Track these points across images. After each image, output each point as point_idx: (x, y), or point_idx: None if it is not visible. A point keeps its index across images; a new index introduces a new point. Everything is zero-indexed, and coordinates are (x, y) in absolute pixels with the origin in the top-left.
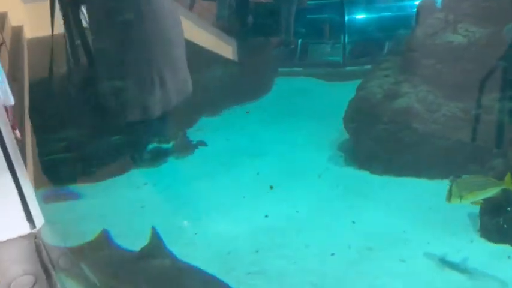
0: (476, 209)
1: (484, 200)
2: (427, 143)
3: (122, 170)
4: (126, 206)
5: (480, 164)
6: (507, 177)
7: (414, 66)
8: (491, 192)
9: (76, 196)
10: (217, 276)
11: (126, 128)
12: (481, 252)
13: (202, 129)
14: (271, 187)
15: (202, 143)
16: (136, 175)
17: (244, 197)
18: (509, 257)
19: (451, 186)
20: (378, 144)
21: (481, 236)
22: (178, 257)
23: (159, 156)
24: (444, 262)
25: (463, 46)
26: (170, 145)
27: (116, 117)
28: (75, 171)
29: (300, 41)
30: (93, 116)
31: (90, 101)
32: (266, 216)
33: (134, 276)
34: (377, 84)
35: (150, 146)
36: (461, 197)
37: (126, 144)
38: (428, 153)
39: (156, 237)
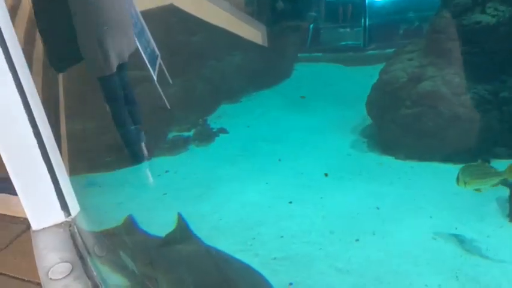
0: (505, 193)
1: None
2: (453, 127)
3: (143, 158)
4: (148, 194)
5: (509, 148)
6: (507, 168)
7: (440, 49)
8: (492, 182)
9: (95, 184)
10: (243, 261)
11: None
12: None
13: (222, 116)
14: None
15: (223, 130)
16: (158, 163)
17: (266, 183)
18: None
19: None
20: (402, 129)
21: (510, 221)
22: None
23: (179, 144)
24: (472, 248)
25: (491, 26)
26: (191, 133)
27: None
28: (95, 159)
29: (317, 25)
30: None
31: None
32: (290, 202)
33: (166, 262)
34: (401, 68)
35: (171, 134)
36: (465, 183)
37: (147, 132)
38: (454, 137)
39: (183, 223)
